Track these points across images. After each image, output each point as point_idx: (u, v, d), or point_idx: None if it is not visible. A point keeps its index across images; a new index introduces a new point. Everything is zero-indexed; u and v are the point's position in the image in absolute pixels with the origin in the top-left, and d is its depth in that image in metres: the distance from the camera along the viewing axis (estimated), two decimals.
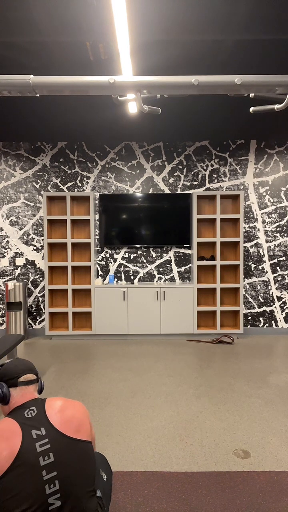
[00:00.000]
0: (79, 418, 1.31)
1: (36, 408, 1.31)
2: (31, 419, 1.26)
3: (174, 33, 2.64)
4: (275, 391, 3.28)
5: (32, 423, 1.25)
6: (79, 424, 1.29)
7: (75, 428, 1.28)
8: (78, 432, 1.28)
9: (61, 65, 3.08)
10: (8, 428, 1.21)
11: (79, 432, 1.28)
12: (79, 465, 1.23)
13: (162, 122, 4.50)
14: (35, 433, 1.21)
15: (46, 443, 1.20)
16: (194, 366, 3.95)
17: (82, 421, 1.31)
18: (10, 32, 2.61)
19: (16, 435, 1.20)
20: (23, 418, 1.26)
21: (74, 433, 1.27)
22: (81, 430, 1.29)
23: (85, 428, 1.30)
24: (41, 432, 1.22)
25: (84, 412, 1.35)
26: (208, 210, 5.28)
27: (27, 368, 1.41)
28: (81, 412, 1.33)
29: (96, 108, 4.03)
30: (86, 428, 1.31)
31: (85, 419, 1.32)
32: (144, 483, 2.04)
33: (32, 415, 1.28)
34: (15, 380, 1.37)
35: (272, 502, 1.89)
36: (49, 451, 1.20)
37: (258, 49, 2.87)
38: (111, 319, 5.00)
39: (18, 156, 5.31)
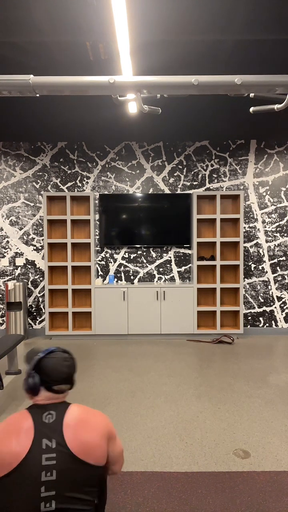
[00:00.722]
0: (95, 443, 1.19)
1: (56, 414, 1.21)
2: (47, 425, 1.18)
3: (174, 33, 2.64)
4: (275, 391, 3.28)
5: (46, 431, 1.16)
6: (93, 448, 1.18)
7: (87, 452, 1.17)
8: (89, 456, 1.17)
9: (61, 65, 3.08)
10: (24, 427, 1.15)
11: (90, 456, 1.17)
12: (81, 489, 1.15)
13: (162, 122, 4.50)
14: (45, 443, 1.14)
15: (53, 458, 1.13)
16: (194, 366, 3.95)
17: (98, 446, 1.19)
18: (10, 32, 2.61)
19: (28, 438, 1.14)
20: (40, 421, 1.18)
21: (84, 456, 1.16)
22: (94, 455, 1.18)
23: (99, 452, 1.19)
24: (51, 445, 1.14)
25: (102, 434, 1.22)
26: (208, 210, 5.28)
27: (66, 378, 1.27)
28: (99, 435, 1.21)
29: (96, 108, 4.03)
30: (100, 452, 1.19)
31: (102, 442, 1.20)
32: (144, 483, 2.04)
33: (49, 420, 1.19)
34: (49, 385, 1.25)
35: (272, 502, 1.89)
36: (53, 468, 1.12)
37: (258, 49, 2.87)
38: (111, 319, 5.00)
39: (18, 156, 5.31)
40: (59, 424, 1.18)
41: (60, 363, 1.26)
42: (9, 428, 1.16)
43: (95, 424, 1.22)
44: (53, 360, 1.26)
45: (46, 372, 1.24)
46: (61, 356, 1.28)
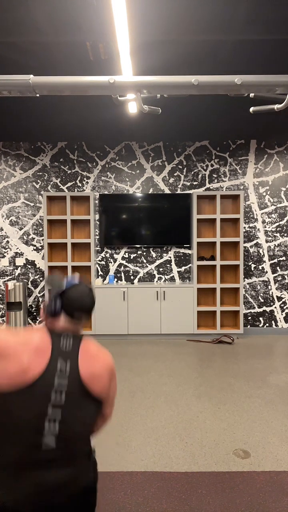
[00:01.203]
0: (101, 374, 1.24)
1: (73, 343, 1.24)
2: (64, 351, 1.20)
3: (174, 33, 2.64)
4: (275, 391, 3.28)
5: (63, 355, 1.19)
6: (98, 378, 1.22)
7: (93, 380, 1.20)
8: (93, 384, 1.20)
9: (61, 65, 3.08)
10: (44, 346, 1.17)
11: (94, 385, 1.20)
12: (84, 420, 1.19)
13: (162, 122, 4.50)
14: (60, 367, 1.16)
15: (65, 382, 1.15)
16: (194, 366, 3.95)
17: (103, 377, 1.23)
18: (10, 32, 2.61)
19: (45, 358, 1.15)
20: (57, 345, 1.20)
21: (90, 383, 1.19)
22: (98, 384, 1.21)
23: (103, 384, 1.23)
24: (66, 369, 1.17)
25: (109, 369, 1.27)
26: (208, 210, 5.28)
27: (88, 309, 1.31)
28: (106, 369, 1.25)
29: (96, 108, 4.03)
30: (103, 384, 1.23)
31: (106, 375, 1.25)
32: (144, 483, 2.04)
33: (66, 347, 1.21)
34: (70, 311, 1.28)
35: (272, 502, 1.89)
36: (63, 391, 1.14)
37: (258, 49, 2.86)
38: (111, 319, 5.00)
39: (18, 156, 5.31)
40: (75, 352, 1.22)
41: (84, 295, 1.32)
42: (28, 343, 1.17)
43: (104, 358, 1.27)
44: (78, 293, 1.32)
45: (70, 301, 1.29)
46: (85, 289, 1.35)
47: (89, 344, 1.28)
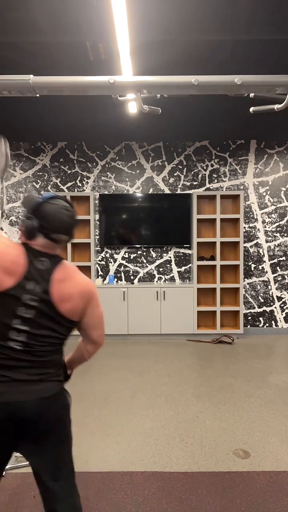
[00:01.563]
0: (71, 295, 1.23)
1: (49, 264, 1.22)
2: (38, 270, 1.20)
3: (174, 33, 2.64)
4: (275, 391, 3.28)
5: (36, 274, 1.19)
6: (68, 299, 1.22)
7: (62, 300, 1.21)
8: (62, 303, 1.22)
9: (61, 65, 3.08)
10: (18, 263, 1.18)
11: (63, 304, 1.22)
12: (52, 336, 1.22)
13: (162, 122, 4.50)
14: (32, 285, 1.18)
15: (35, 300, 1.18)
16: (194, 366, 3.95)
17: (73, 299, 1.23)
18: (10, 32, 2.61)
19: (17, 273, 1.17)
20: (32, 263, 1.20)
21: (60, 303, 1.21)
22: (67, 304, 1.22)
23: (72, 305, 1.23)
24: (36, 289, 1.18)
25: (81, 292, 1.25)
26: (208, 210, 5.28)
27: (67, 229, 1.24)
28: (78, 291, 1.24)
29: (96, 108, 4.03)
30: (73, 305, 1.23)
31: (78, 298, 1.24)
32: (144, 483, 2.04)
33: (41, 267, 1.21)
34: (47, 232, 1.22)
35: (272, 502, 1.89)
36: (33, 308, 1.18)
37: (258, 49, 2.86)
38: (111, 319, 5.00)
39: (18, 156, 5.31)
40: (49, 274, 1.21)
41: (61, 211, 1.22)
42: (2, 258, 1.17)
43: (77, 280, 1.26)
44: (54, 207, 1.21)
45: (46, 219, 1.20)
46: (62, 204, 1.24)
47: (66, 268, 1.26)
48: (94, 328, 1.34)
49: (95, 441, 2.47)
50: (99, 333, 1.37)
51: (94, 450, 2.37)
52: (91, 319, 1.32)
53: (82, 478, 2.08)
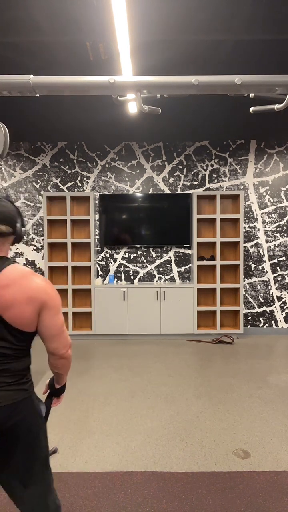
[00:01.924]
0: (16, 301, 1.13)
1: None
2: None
3: (174, 33, 2.64)
4: (275, 391, 3.28)
5: None
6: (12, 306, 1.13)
7: (4, 307, 1.13)
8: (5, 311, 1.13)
9: (61, 65, 3.08)
10: None
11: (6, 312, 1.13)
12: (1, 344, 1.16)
13: (162, 122, 4.50)
14: None
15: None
16: (194, 366, 3.95)
17: (18, 305, 1.14)
18: (10, 32, 2.61)
19: None
20: None
21: (2, 310, 1.13)
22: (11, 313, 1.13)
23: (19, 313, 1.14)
24: None
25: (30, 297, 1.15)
26: (208, 210, 5.28)
27: (3, 218, 1.19)
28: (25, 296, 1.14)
29: (96, 108, 4.03)
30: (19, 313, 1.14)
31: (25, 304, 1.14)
32: (144, 483, 2.04)
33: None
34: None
35: (272, 502, 1.89)
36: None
37: (258, 49, 2.86)
38: (111, 319, 5.00)
39: (18, 156, 5.30)
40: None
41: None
42: None
43: (25, 285, 1.16)
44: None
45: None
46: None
47: (11, 271, 1.17)
48: (49, 340, 1.23)
49: (95, 441, 2.47)
50: (55, 346, 1.24)
51: (94, 450, 2.37)
52: (47, 330, 1.20)
53: (82, 478, 2.08)
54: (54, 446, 2.35)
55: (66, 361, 1.30)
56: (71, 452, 2.35)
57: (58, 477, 2.08)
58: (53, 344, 1.24)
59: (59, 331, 1.23)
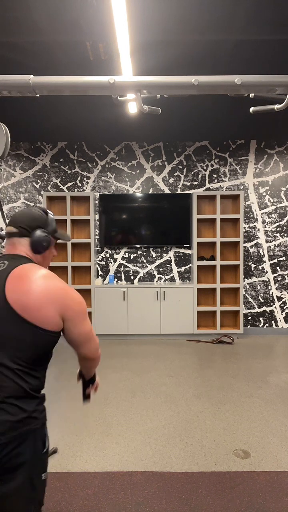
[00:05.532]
0: (37, 299, 1.10)
1: (8, 265, 1.16)
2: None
3: (174, 33, 2.64)
4: (275, 391, 3.28)
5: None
6: (33, 303, 1.09)
7: (26, 307, 1.09)
8: (25, 311, 1.09)
9: (61, 65, 3.08)
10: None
11: (27, 311, 1.09)
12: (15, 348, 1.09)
13: (162, 122, 4.50)
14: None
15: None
16: (194, 366, 3.95)
17: (40, 303, 1.10)
18: (10, 32, 2.61)
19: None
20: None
21: (21, 310, 1.09)
22: (32, 311, 1.09)
23: (42, 312, 1.10)
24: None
25: (50, 297, 1.11)
26: (208, 210, 5.28)
27: (13, 220, 1.27)
28: (44, 295, 1.11)
29: (96, 108, 4.03)
30: (42, 312, 1.10)
31: (47, 304, 1.11)
32: (144, 483, 2.04)
33: (0, 268, 1.16)
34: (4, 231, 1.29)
35: (272, 502, 1.89)
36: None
37: (258, 49, 2.86)
38: (111, 319, 5.00)
39: (18, 156, 5.30)
40: (5, 273, 1.14)
41: (18, 212, 1.32)
42: None
43: (43, 285, 1.13)
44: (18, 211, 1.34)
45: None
46: (24, 208, 1.36)
47: (26, 267, 1.16)
48: (78, 345, 1.26)
49: (95, 441, 2.47)
50: (89, 348, 1.28)
51: (94, 450, 2.37)
52: (73, 336, 1.22)
53: (82, 478, 2.08)
54: (54, 446, 2.35)
55: (97, 361, 1.35)
56: (71, 452, 2.35)
57: (58, 477, 2.08)
58: (83, 350, 1.26)
59: (88, 336, 1.25)
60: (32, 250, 1.25)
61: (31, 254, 1.25)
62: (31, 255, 1.25)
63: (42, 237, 1.25)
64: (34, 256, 1.26)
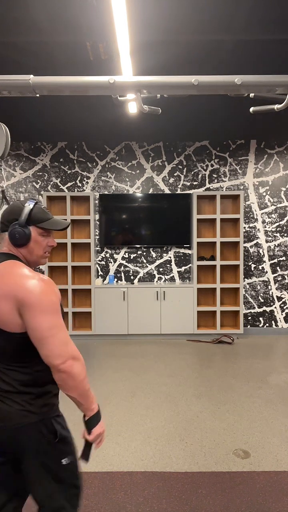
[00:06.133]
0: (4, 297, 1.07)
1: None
2: None
3: (174, 33, 2.64)
4: (275, 391, 3.28)
5: None
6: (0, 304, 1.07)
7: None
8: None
9: (61, 65, 3.08)
10: None
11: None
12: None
13: (162, 122, 4.50)
14: None
15: None
16: (194, 366, 3.95)
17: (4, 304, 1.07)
18: (10, 32, 2.61)
19: None
20: None
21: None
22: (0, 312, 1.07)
23: (4, 313, 1.07)
24: None
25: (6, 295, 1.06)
26: (208, 210, 5.28)
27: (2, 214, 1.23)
28: (2, 293, 1.07)
29: (96, 108, 4.03)
30: (5, 314, 1.07)
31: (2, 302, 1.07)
32: (144, 483, 2.04)
33: None
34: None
35: (272, 502, 1.89)
36: None
37: (258, 49, 2.86)
38: (111, 319, 5.00)
39: (18, 156, 5.30)
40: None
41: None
42: None
43: (5, 280, 1.09)
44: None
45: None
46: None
47: (3, 265, 1.14)
48: (37, 346, 1.09)
49: None
50: (45, 353, 1.08)
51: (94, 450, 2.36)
52: (31, 332, 1.09)
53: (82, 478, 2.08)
54: None
55: (66, 376, 1.08)
56: None
57: None
58: (42, 351, 1.08)
59: (45, 334, 1.06)
60: (12, 245, 1.21)
61: (13, 249, 1.21)
62: (14, 250, 1.21)
63: (15, 230, 1.19)
64: (16, 250, 1.21)
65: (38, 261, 1.27)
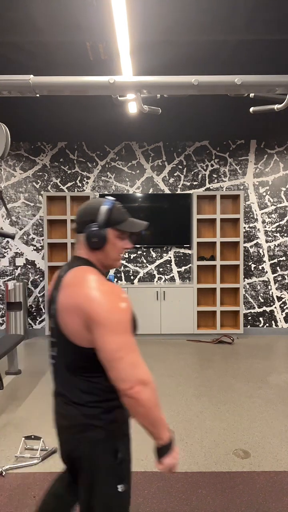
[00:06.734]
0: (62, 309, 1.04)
1: (65, 269, 1.12)
2: (59, 278, 1.12)
3: (174, 33, 2.64)
4: (275, 391, 3.28)
5: (58, 284, 1.11)
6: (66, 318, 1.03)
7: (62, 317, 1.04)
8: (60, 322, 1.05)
9: (61, 65, 3.08)
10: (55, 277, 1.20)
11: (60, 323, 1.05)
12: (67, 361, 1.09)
13: (162, 122, 4.50)
14: (54, 295, 1.11)
15: (54, 310, 1.09)
16: (194, 366, 3.95)
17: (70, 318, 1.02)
18: (10, 32, 2.61)
19: (51, 287, 1.17)
20: (60, 273, 1.14)
21: (61, 321, 1.05)
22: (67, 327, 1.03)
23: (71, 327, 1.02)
24: (54, 297, 1.10)
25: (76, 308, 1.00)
26: (208, 210, 5.28)
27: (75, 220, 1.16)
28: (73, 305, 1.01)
29: (96, 108, 4.03)
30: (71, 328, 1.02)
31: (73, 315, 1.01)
32: (144, 483, 2.04)
33: (61, 274, 1.13)
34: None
35: (272, 502, 1.89)
36: (52, 317, 1.12)
37: (258, 49, 2.86)
38: None
39: (18, 156, 5.30)
40: (60, 280, 1.11)
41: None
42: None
43: (76, 290, 1.03)
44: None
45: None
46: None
47: (75, 271, 1.08)
48: (106, 368, 1.02)
49: None
50: (112, 376, 1.00)
51: None
52: (100, 353, 1.00)
53: None
54: (54, 447, 2.35)
55: (134, 402, 1.00)
56: None
57: None
58: (109, 373, 1.00)
59: (111, 357, 0.98)
60: (87, 247, 1.13)
61: (89, 252, 1.13)
62: (88, 253, 1.13)
63: (92, 232, 1.09)
64: (91, 254, 1.13)
65: (113, 264, 1.19)
